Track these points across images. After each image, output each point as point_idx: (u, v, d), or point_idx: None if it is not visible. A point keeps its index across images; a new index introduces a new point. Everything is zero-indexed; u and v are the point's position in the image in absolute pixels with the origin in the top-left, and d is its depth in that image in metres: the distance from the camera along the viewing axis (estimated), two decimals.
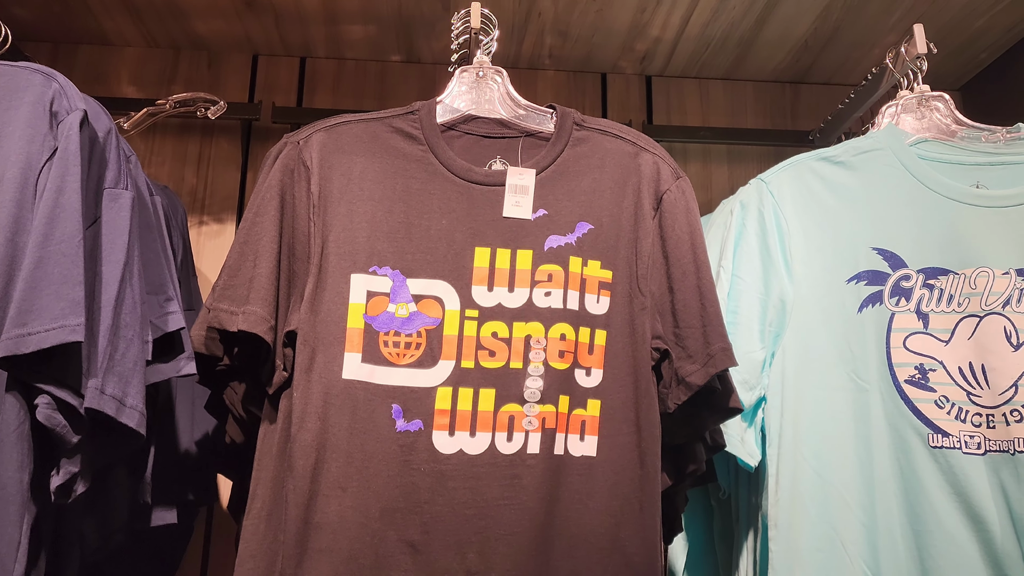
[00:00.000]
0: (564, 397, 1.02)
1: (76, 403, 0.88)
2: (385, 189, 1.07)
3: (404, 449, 0.99)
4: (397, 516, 0.97)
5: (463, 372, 1.02)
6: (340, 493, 0.96)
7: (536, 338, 1.03)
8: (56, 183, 0.93)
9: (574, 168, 1.10)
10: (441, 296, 1.04)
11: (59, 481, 0.89)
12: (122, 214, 0.98)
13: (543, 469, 0.99)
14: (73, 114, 0.97)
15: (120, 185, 0.99)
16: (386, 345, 1.02)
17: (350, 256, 1.03)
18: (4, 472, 0.86)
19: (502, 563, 0.96)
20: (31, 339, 0.86)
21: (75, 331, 0.87)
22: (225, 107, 1.35)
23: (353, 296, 1.02)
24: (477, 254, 1.05)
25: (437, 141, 1.09)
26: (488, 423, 1.00)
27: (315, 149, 1.06)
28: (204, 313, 1.05)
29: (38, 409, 0.87)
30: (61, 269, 0.89)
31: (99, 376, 0.90)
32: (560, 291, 1.04)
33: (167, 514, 1.11)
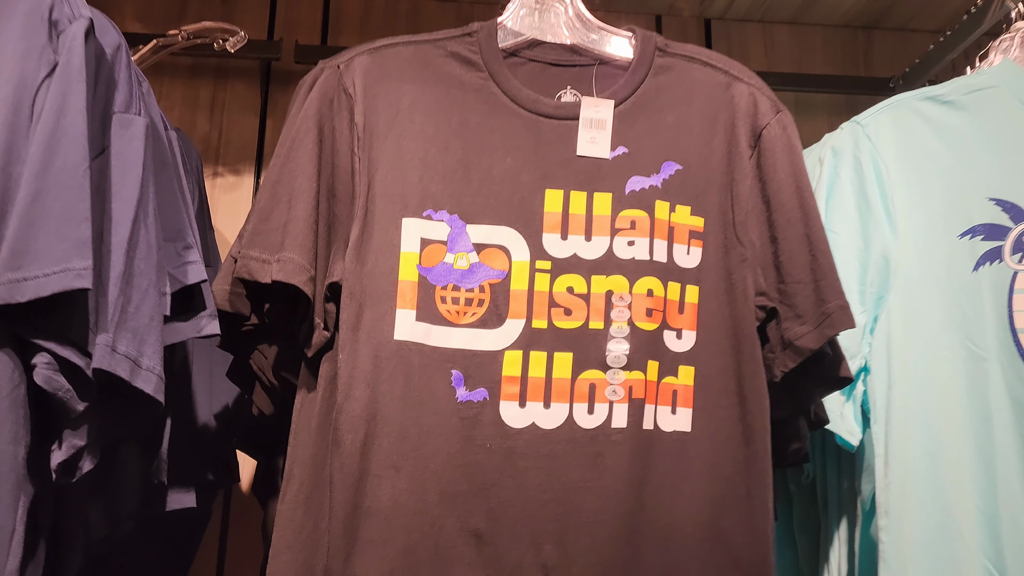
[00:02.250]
0: (653, 363, 0.87)
1: (82, 363, 0.73)
2: (439, 122, 0.91)
3: (466, 423, 0.84)
4: (459, 501, 0.83)
5: (534, 333, 0.87)
6: (393, 474, 0.81)
7: (619, 294, 0.88)
8: (56, 103, 0.77)
9: (657, 100, 0.95)
10: (507, 245, 0.89)
11: (62, 457, 0.73)
12: (134, 143, 0.82)
13: (631, 447, 0.85)
14: (76, 23, 0.81)
15: (132, 110, 0.84)
16: (444, 301, 0.87)
17: (400, 198, 0.88)
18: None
19: (584, 557, 0.82)
20: (27, 285, 0.71)
21: (81, 276, 0.72)
22: (246, 38, 1.19)
23: (405, 244, 0.87)
24: (548, 197, 0.90)
25: (499, 68, 0.94)
26: (565, 392, 0.86)
27: (358, 74, 0.91)
28: (229, 263, 0.90)
29: (36, 370, 0.72)
30: (63, 204, 0.74)
31: (110, 331, 0.74)
32: (645, 240, 0.89)
33: (185, 497, 0.97)
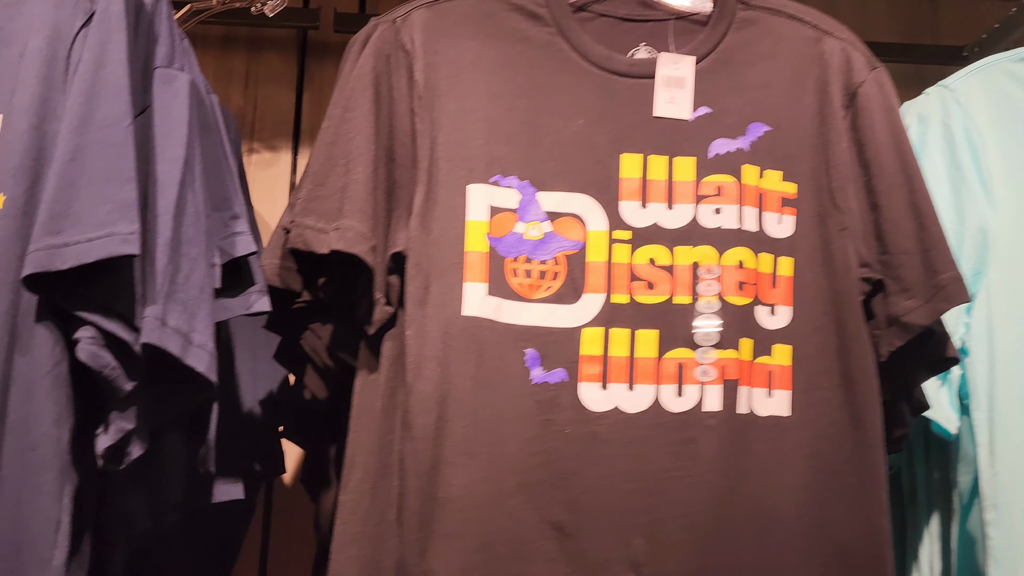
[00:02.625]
0: (746, 341, 0.79)
1: (130, 338, 0.66)
2: (504, 81, 0.84)
3: (542, 406, 0.77)
4: (537, 491, 0.75)
5: (615, 309, 0.79)
6: (467, 461, 0.74)
7: (706, 266, 0.80)
8: (95, 53, 0.71)
9: (741, 56, 0.87)
10: (582, 214, 0.82)
11: (109, 441, 0.66)
12: (178, 100, 0.75)
13: (725, 432, 0.77)
14: None
15: (175, 64, 0.77)
16: (515, 274, 0.80)
17: (465, 162, 0.81)
18: (35, 428, 0.64)
19: (678, 552, 0.74)
20: (69, 251, 0.64)
21: (127, 241, 0.65)
22: (285, 2, 1.12)
23: (472, 212, 0.80)
24: (624, 162, 0.83)
25: (568, 23, 0.86)
26: (650, 373, 0.78)
27: (417, 29, 0.84)
28: (278, 235, 0.83)
29: (79, 345, 0.65)
30: (105, 162, 0.67)
31: (159, 303, 0.67)
32: (733, 207, 0.82)
33: (232, 488, 0.90)
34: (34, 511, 0.64)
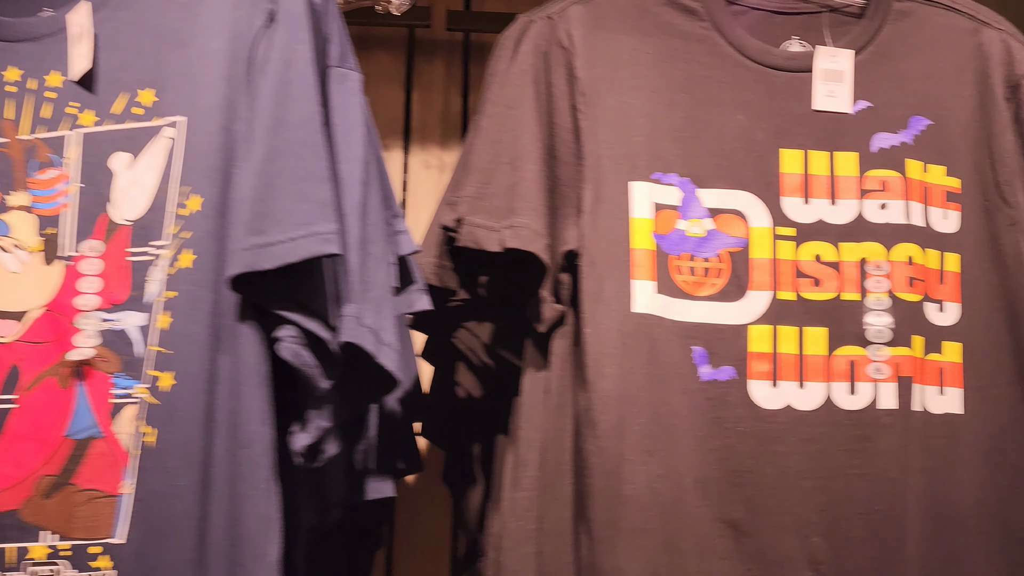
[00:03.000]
0: (918, 338, 0.79)
1: (328, 336, 0.66)
2: (662, 76, 0.84)
3: (713, 403, 0.77)
4: (712, 489, 0.75)
5: (782, 306, 0.79)
6: (647, 459, 0.74)
7: (874, 262, 0.80)
8: (282, 54, 0.71)
9: (898, 49, 0.86)
10: (744, 210, 0.81)
11: (308, 440, 0.67)
12: (353, 99, 0.75)
13: (902, 430, 0.76)
14: None
15: (347, 64, 0.77)
16: (680, 271, 0.79)
17: (627, 159, 0.81)
18: (247, 426, 0.65)
19: (859, 550, 0.74)
20: (273, 250, 0.65)
21: (328, 240, 0.65)
22: (411, 1, 1.13)
23: (636, 209, 0.80)
24: (784, 157, 0.82)
25: (723, 17, 0.86)
26: (820, 371, 0.78)
27: (575, 26, 0.84)
28: (436, 233, 0.84)
29: (281, 344, 0.66)
30: (301, 162, 0.68)
31: (355, 302, 0.68)
32: (900, 202, 0.81)
33: (383, 486, 0.91)
34: (251, 508, 0.65)
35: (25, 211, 0.76)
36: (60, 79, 0.78)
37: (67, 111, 0.77)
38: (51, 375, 0.72)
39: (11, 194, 0.76)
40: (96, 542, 0.68)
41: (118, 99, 0.76)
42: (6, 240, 0.75)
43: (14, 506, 0.69)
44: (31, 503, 0.69)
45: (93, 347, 0.71)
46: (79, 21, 0.77)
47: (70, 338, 0.72)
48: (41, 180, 0.76)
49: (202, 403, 0.65)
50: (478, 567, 0.93)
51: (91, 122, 0.76)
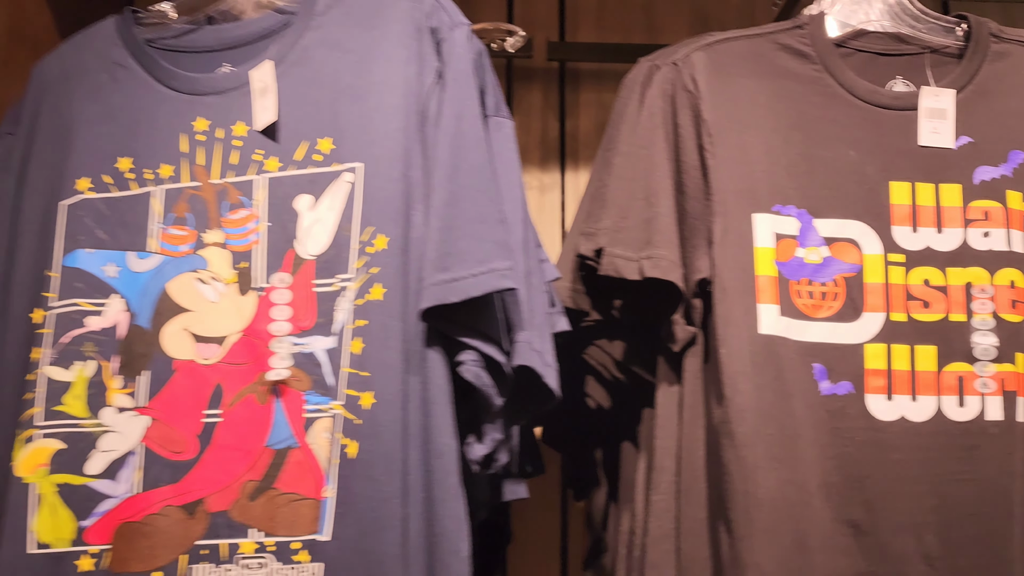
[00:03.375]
0: (1021, 355, 0.86)
1: (503, 360, 0.76)
2: (778, 116, 0.92)
3: (832, 415, 0.85)
4: (833, 492, 0.83)
5: (894, 326, 0.87)
6: (777, 465, 0.82)
7: (979, 286, 0.87)
8: (454, 109, 0.81)
9: (997, 87, 0.93)
10: (857, 239, 0.89)
11: (485, 451, 0.77)
12: (509, 144, 0.85)
13: (1007, 439, 0.84)
14: (458, 29, 0.84)
15: (501, 113, 0.86)
16: (799, 296, 0.88)
17: (749, 193, 0.89)
18: (439, 439, 0.75)
19: (969, 548, 0.82)
20: (458, 286, 0.74)
21: (506, 276, 0.75)
22: (525, 39, 1.22)
23: (759, 239, 0.88)
24: (893, 190, 0.90)
25: (833, 59, 0.94)
26: (931, 385, 0.86)
27: (699, 71, 0.92)
28: (568, 260, 0.93)
29: (464, 367, 0.75)
30: (477, 206, 0.77)
31: (525, 328, 0.78)
32: (1002, 231, 0.88)
33: (518, 488, 1.00)
34: (445, 510, 0.74)
35: (220, 247, 0.86)
36: (245, 129, 0.88)
37: (253, 158, 0.87)
38: (250, 392, 0.82)
39: (207, 232, 0.86)
40: (297, 539, 0.78)
41: (299, 147, 0.86)
42: (204, 273, 0.86)
43: (224, 507, 0.79)
44: (238, 505, 0.79)
45: (287, 368, 0.81)
46: (262, 77, 0.87)
47: (266, 360, 0.82)
48: (233, 219, 0.86)
49: (399, 419, 0.75)
50: (603, 562, 1.02)
51: (275, 167, 0.86)
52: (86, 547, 0.80)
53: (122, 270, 0.87)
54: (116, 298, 0.86)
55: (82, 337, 0.86)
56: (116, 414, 0.83)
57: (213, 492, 0.80)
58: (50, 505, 0.81)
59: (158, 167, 0.89)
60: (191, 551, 0.78)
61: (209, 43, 0.93)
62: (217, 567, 0.78)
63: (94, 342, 0.85)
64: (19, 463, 0.83)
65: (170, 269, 0.86)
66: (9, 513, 0.81)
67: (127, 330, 0.85)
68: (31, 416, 0.84)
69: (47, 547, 0.80)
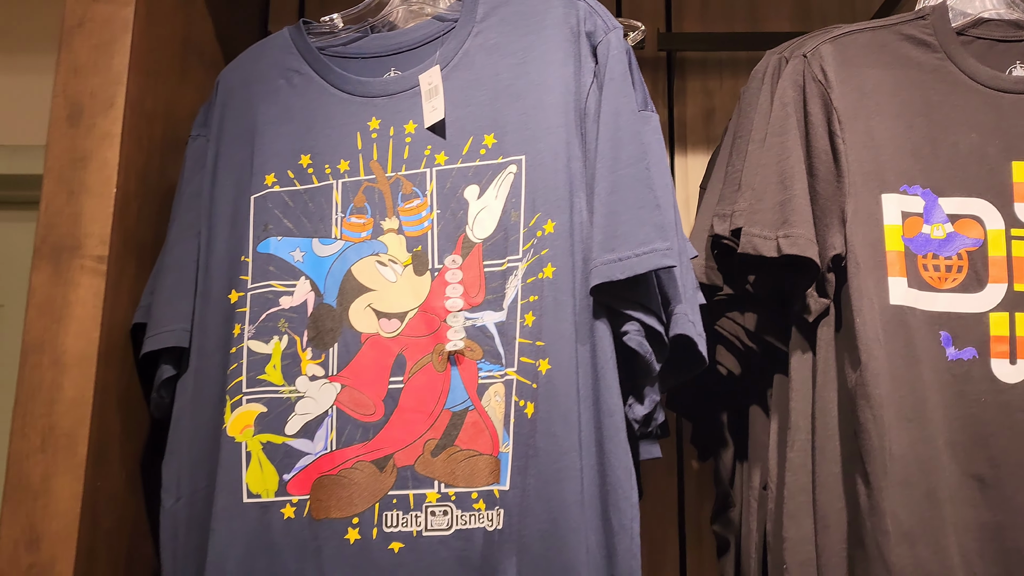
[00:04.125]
0: None
1: (662, 329, 0.85)
2: (902, 102, 0.99)
3: (958, 379, 0.92)
4: (959, 449, 0.91)
5: (1017, 296, 0.94)
6: (907, 424, 0.90)
7: None
8: (611, 106, 0.89)
9: None
10: (979, 215, 0.96)
11: (645, 411, 0.86)
12: (657, 137, 0.93)
13: None
14: (613, 32, 0.93)
15: (648, 108, 0.95)
16: (925, 269, 0.95)
17: (876, 175, 0.96)
18: (609, 400, 0.84)
19: None
20: (622, 264, 0.83)
21: (666, 255, 0.84)
22: (644, 33, 1.29)
23: (887, 217, 0.95)
24: (1015, 169, 0.96)
25: (955, 48, 1.00)
26: None
27: (827, 62, 0.99)
28: (705, 240, 1.01)
29: (628, 336, 0.85)
30: (636, 193, 0.86)
31: (682, 301, 0.87)
32: None
33: (653, 448, 1.09)
34: (617, 462, 0.83)
35: (396, 233, 0.97)
36: (414, 127, 0.98)
37: (424, 153, 0.97)
38: (429, 361, 0.93)
39: (384, 220, 0.97)
40: (475, 490, 0.88)
41: (465, 143, 0.96)
42: (384, 256, 0.96)
43: (410, 462, 0.90)
44: (423, 460, 0.90)
45: (461, 339, 0.91)
46: (431, 79, 0.98)
47: (442, 333, 0.92)
48: (408, 208, 0.97)
49: (573, 383, 0.85)
50: (730, 515, 1.11)
51: (444, 161, 0.96)
52: (289, 497, 0.92)
53: (307, 255, 0.99)
54: (304, 280, 0.98)
55: (276, 314, 0.97)
56: (309, 382, 0.95)
57: (400, 449, 0.91)
58: (257, 461, 0.93)
59: (336, 162, 1.00)
60: (383, 500, 0.90)
61: (376, 49, 1.04)
62: (406, 514, 0.89)
63: (287, 319, 0.97)
64: (230, 424, 0.95)
65: (352, 253, 0.98)
66: (223, 468, 0.93)
67: (315, 308, 0.97)
68: (238, 384, 0.96)
69: (257, 497, 0.92)
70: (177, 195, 1.05)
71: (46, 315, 0.95)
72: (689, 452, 1.32)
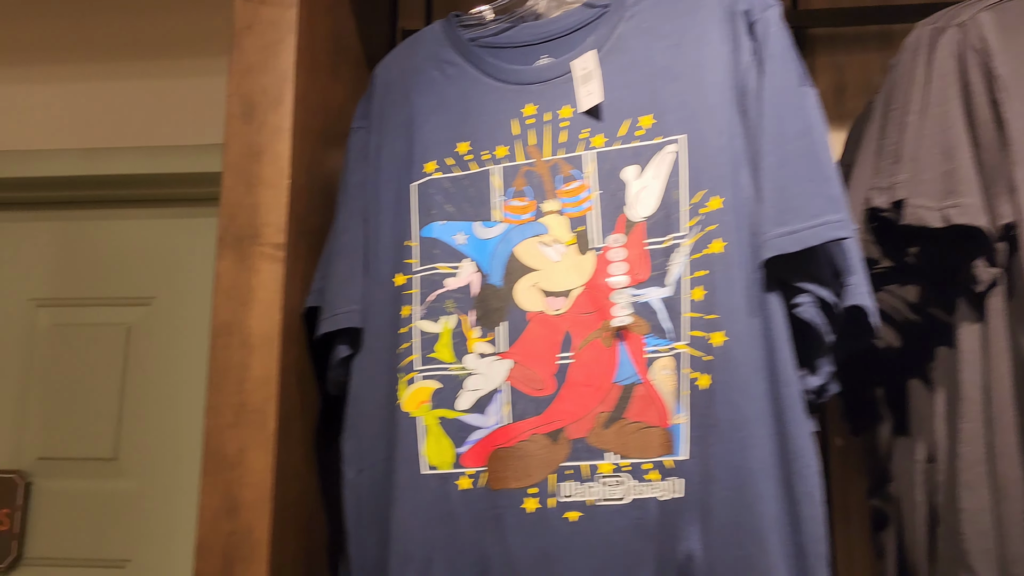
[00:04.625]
0: None
1: (835, 301, 0.86)
2: None
3: None
4: None
5: None
6: None
7: None
8: (773, 83, 0.91)
9: None
10: None
11: (820, 381, 0.88)
12: (818, 111, 0.93)
13: None
14: (771, 10, 0.94)
15: (806, 83, 0.95)
16: None
17: None
18: (785, 371, 0.85)
19: None
20: (797, 237, 0.85)
21: (839, 227, 0.85)
22: None
23: None
24: None
25: None
26: None
27: (988, 30, 0.98)
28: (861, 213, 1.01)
29: (801, 308, 0.86)
30: (804, 166, 0.88)
31: (856, 272, 0.88)
32: None
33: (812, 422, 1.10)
34: (798, 430, 0.84)
35: (557, 215, 1.00)
36: (571, 111, 1.01)
37: (580, 136, 1.00)
38: (596, 337, 0.96)
39: (545, 202, 1.00)
40: (648, 460, 0.91)
41: (622, 124, 0.98)
42: (547, 237, 1.00)
43: (582, 435, 0.93)
44: (594, 433, 0.93)
45: (628, 315, 0.94)
46: (585, 65, 1.00)
47: (608, 309, 0.95)
48: (567, 190, 1.00)
49: (749, 354, 0.86)
50: (888, 490, 1.10)
51: (602, 143, 0.99)
52: (463, 469, 0.97)
53: (470, 238, 1.03)
54: (468, 262, 1.02)
55: (443, 295, 1.02)
56: (478, 359, 0.99)
57: (572, 422, 0.94)
58: (434, 435, 0.98)
59: (494, 149, 1.03)
60: (557, 471, 0.93)
61: (527, 38, 1.07)
62: (581, 484, 0.92)
63: (453, 299, 1.01)
64: (404, 400, 1.00)
65: (515, 235, 1.01)
66: (401, 442, 0.98)
67: (480, 288, 1.01)
68: (410, 362, 1.01)
69: (435, 469, 0.97)
70: (342, 184, 1.11)
71: (232, 299, 1.02)
72: (833, 429, 1.32)
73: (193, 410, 1.56)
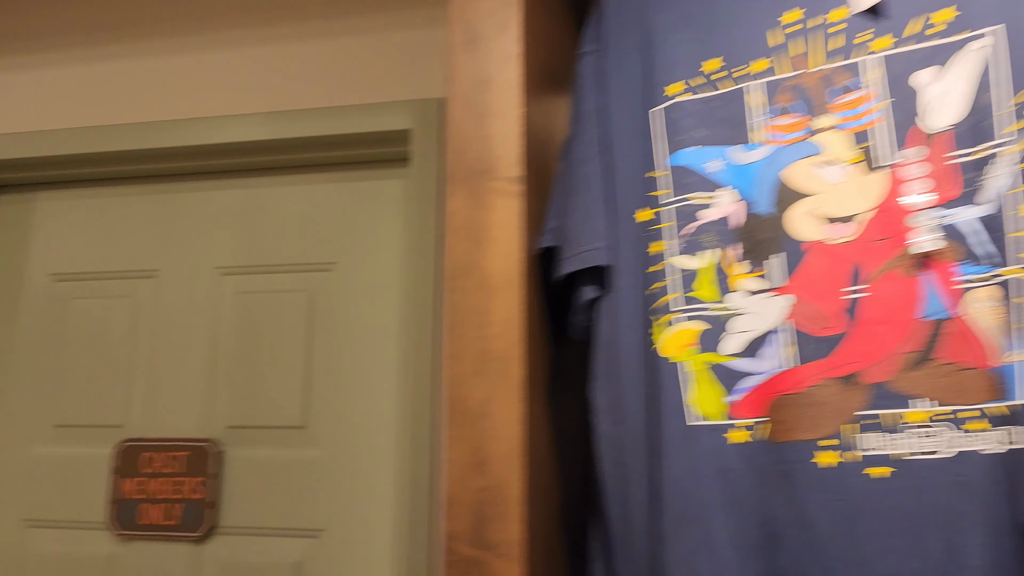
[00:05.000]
0: None
1: None
2: None
3: None
4: None
5: None
6: None
7: None
8: None
9: None
10: None
11: None
12: None
13: None
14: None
15: None
16: None
17: None
18: None
19: None
20: None
21: None
22: None
23: None
24: None
25: None
26: None
27: None
28: None
29: None
30: None
31: None
32: None
33: None
34: None
35: (833, 131, 0.87)
36: (843, 13, 0.88)
37: (856, 41, 0.87)
38: (893, 267, 0.83)
39: (817, 118, 0.88)
40: (971, 407, 0.77)
41: (911, 23, 0.85)
42: (823, 157, 0.87)
43: (882, 379, 0.81)
44: (901, 376, 0.81)
45: (935, 239, 0.81)
46: None
47: (906, 234, 0.82)
48: (844, 103, 0.87)
49: None
50: None
51: (886, 46, 0.86)
52: (733, 421, 0.85)
53: (727, 164, 0.91)
54: (725, 190, 0.90)
55: (701, 228, 0.91)
56: (746, 296, 0.87)
57: (869, 364, 0.81)
58: (703, 381, 0.87)
59: (748, 64, 0.92)
60: (854, 420, 0.81)
61: None
62: (887, 435, 0.79)
63: (712, 232, 0.90)
64: (663, 345, 0.89)
65: (782, 157, 0.89)
66: (665, 390, 0.88)
67: (745, 219, 0.89)
68: (667, 303, 0.90)
69: (706, 420, 0.86)
70: (575, 113, 1.01)
71: (466, 239, 0.93)
72: None
73: (379, 377, 1.50)
